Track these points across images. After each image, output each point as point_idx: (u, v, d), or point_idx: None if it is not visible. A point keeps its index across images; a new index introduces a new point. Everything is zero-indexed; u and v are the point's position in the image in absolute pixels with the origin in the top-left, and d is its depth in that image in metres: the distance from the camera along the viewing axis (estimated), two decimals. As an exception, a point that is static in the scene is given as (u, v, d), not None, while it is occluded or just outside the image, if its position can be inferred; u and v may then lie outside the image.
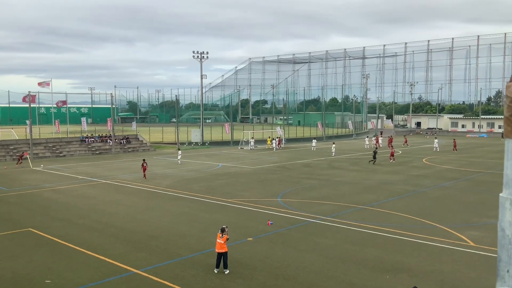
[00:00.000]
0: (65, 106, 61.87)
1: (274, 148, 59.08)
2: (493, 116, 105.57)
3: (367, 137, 68.72)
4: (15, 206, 24.43)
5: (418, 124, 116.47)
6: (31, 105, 51.35)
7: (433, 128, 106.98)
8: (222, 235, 14.31)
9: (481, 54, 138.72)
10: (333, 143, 54.96)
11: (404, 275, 13.91)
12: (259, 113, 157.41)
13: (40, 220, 21.23)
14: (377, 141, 62.67)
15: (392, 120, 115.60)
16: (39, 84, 55.72)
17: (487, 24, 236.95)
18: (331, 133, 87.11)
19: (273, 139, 62.07)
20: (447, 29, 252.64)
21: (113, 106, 65.26)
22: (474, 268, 14.60)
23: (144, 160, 35.78)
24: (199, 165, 42.12)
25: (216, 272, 14.18)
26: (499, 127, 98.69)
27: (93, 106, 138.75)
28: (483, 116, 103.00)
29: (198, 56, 69.77)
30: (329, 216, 21.59)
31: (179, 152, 45.06)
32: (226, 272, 14.14)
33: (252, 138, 62.77)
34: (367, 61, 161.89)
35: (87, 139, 56.37)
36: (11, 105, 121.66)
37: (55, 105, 61.07)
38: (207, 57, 70.12)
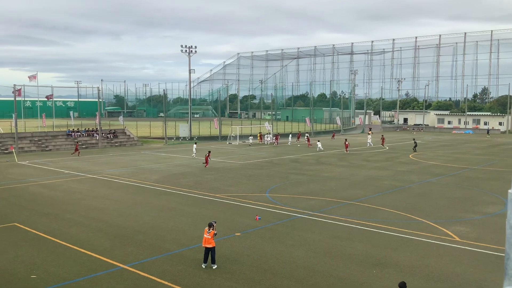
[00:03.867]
0: (51, 99, 61.11)
1: (268, 142, 59.26)
2: (478, 113, 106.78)
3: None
4: (0, 201, 24.11)
5: (405, 120, 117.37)
6: (16, 99, 50.62)
7: (419, 125, 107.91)
8: (209, 230, 14.28)
9: (467, 51, 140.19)
10: (318, 140, 55.13)
11: (391, 270, 14.03)
12: (247, 108, 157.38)
13: (26, 214, 20.99)
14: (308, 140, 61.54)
15: (379, 116, 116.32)
16: (30, 77, 55.10)
17: (471, 21, 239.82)
18: (319, 128, 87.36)
19: (265, 134, 62.06)
20: (431, 26, 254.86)
21: (100, 100, 64.64)
22: (459, 263, 14.76)
23: (209, 152, 39.50)
24: (187, 160, 41.97)
25: (203, 267, 14.16)
26: (485, 123, 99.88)
27: (80, 100, 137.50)
28: (469, 113, 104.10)
29: (186, 51, 69.42)
30: (317, 211, 21.68)
31: (195, 145, 46.05)
32: (213, 267, 14.12)
33: (251, 135, 62.73)
34: (355, 57, 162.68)
35: (73, 133, 55.82)
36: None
37: (44, 98, 60.44)
38: (196, 51, 69.84)
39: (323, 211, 21.75)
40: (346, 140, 54.10)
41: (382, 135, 62.51)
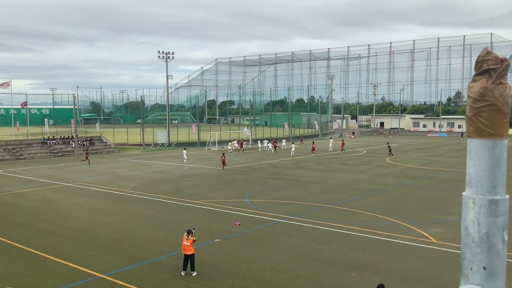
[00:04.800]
0: (25, 107, 59.95)
1: (230, 150, 57.12)
2: (452, 116, 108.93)
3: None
4: (-28, 211, 23.50)
5: (382, 124, 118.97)
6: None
7: (395, 128, 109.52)
8: (188, 236, 14.20)
9: (441, 56, 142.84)
10: (292, 143, 56.63)
11: (370, 273, 14.17)
12: (226, 114, 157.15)
13: (0, 225, 20.50)
14: (241, 146, 59.80)
15: (356, 120, 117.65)
16: (3, 85, 54.01)
17: (443, 27, 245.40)
18: (297, 133, 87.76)
19: (232, 140, 61.87)
20: (405, 31, 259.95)
21: (76, 107, 63.71)
22: (436, 264, 15.01)
23: (224, 154, 41.05)
24: (165, 167, 41.67)
25: (183, 274, 14.06)
26: (459, 126, 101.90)
27: (55, 107, 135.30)
28: (443, 116, 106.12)
29: (163, 56, 69.02)
30: (296, 215, 21.77)
31: (184, 151, 45.82)
32: (193, 274, 14.04)
33: (235, 140, 62.05)
34: (332, 62, 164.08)
35: (48, 141, 54.83)
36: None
37: (20, 106, 59.17)
38: (173, 57, 69.46)
39: (302, 215, 21.86)
40: (313, 143, 58.68)
41: (343, 140, 62.84)
